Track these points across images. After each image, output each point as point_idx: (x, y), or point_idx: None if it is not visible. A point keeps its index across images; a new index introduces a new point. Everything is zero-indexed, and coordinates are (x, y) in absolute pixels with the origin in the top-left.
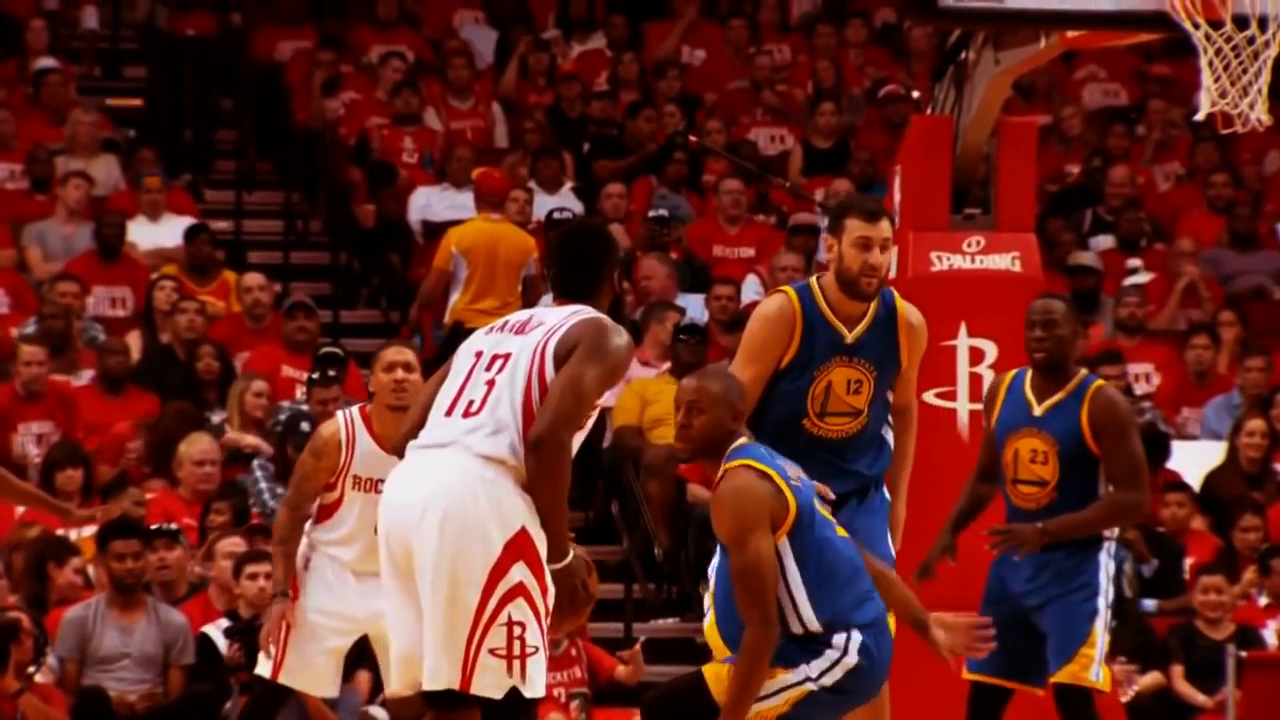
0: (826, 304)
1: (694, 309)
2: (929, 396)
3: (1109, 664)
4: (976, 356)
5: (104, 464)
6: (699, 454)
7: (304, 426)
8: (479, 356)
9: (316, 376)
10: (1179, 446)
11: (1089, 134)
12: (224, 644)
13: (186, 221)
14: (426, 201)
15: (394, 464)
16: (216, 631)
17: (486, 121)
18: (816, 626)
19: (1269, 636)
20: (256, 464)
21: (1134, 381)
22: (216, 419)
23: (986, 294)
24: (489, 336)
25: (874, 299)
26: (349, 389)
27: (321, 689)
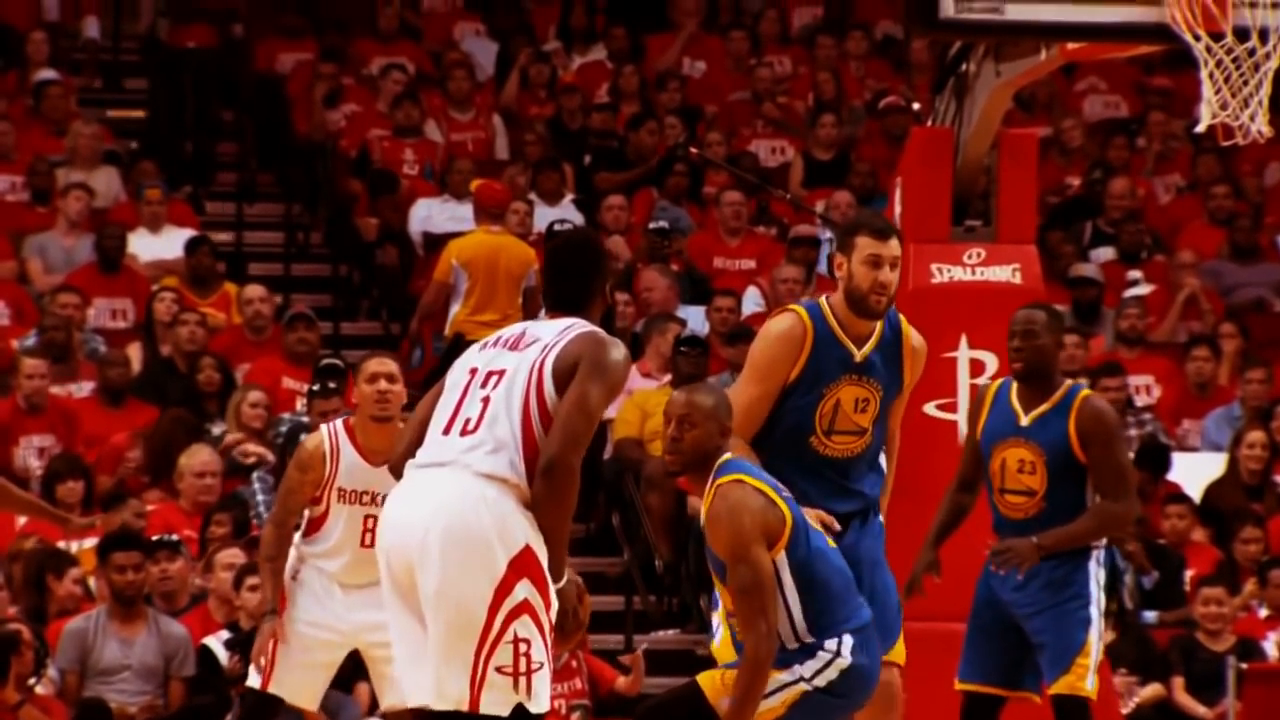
0: (836, 322)
1: (695, 321)
2: (929, 408)
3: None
4: (977, 368)
5: (103, 474)
6: (689, 468)
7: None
8: (474, 373)
9: (317, 388)
10: (1179, 458)
11: (1090, 146)
12: (224, 656)
13: (187, 233)
14: (427, 213)
15: (378, 476)
16: (217, 643)
17: (487, 133)
18: (809, 639)
19: (1269, 648)
20: (256, 476)
21: (1135, 393)
22: (217, 431)
23: (987, 306)
24: (483, 353)
25: (883, 317)
26: (349, 401)
27: (304, 700)
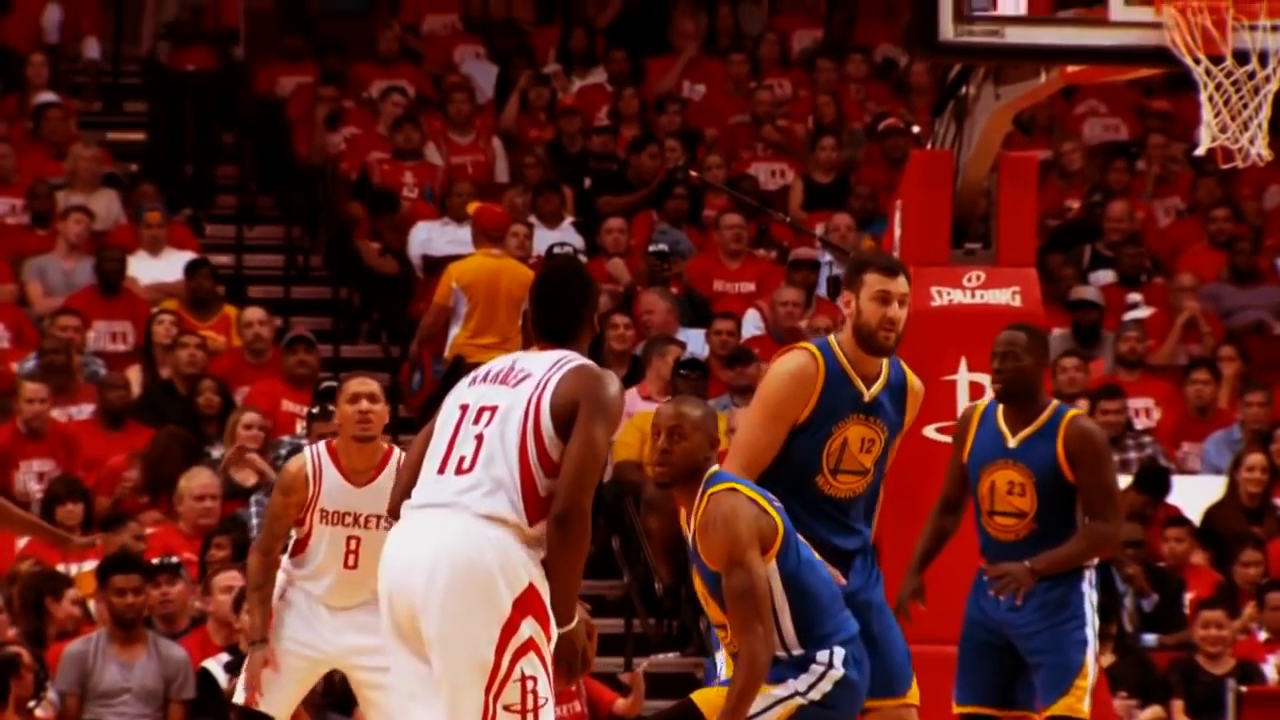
0: (846, 361)
1: (695, 344)
2: (929, 431)
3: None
4: (977, 391)
5: (102, 496)
6: (679, 480)
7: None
8: (464, 410)
9: (316, 411)
10: (1179, 481)
11: (1089, 169)
12: (224, 678)
13: (187, 256)
14: (427, 236)
15: (361, 497)
16: (217, 666)
17: (487, 156)
18: (799, 651)
19: (1269, 671)
20: (254, 499)
21: (1135, 416)
22: (217, 453)
23: (987, 329)
24: (473, 389)
25: (892, 353)
26: None
27: (281, 714)
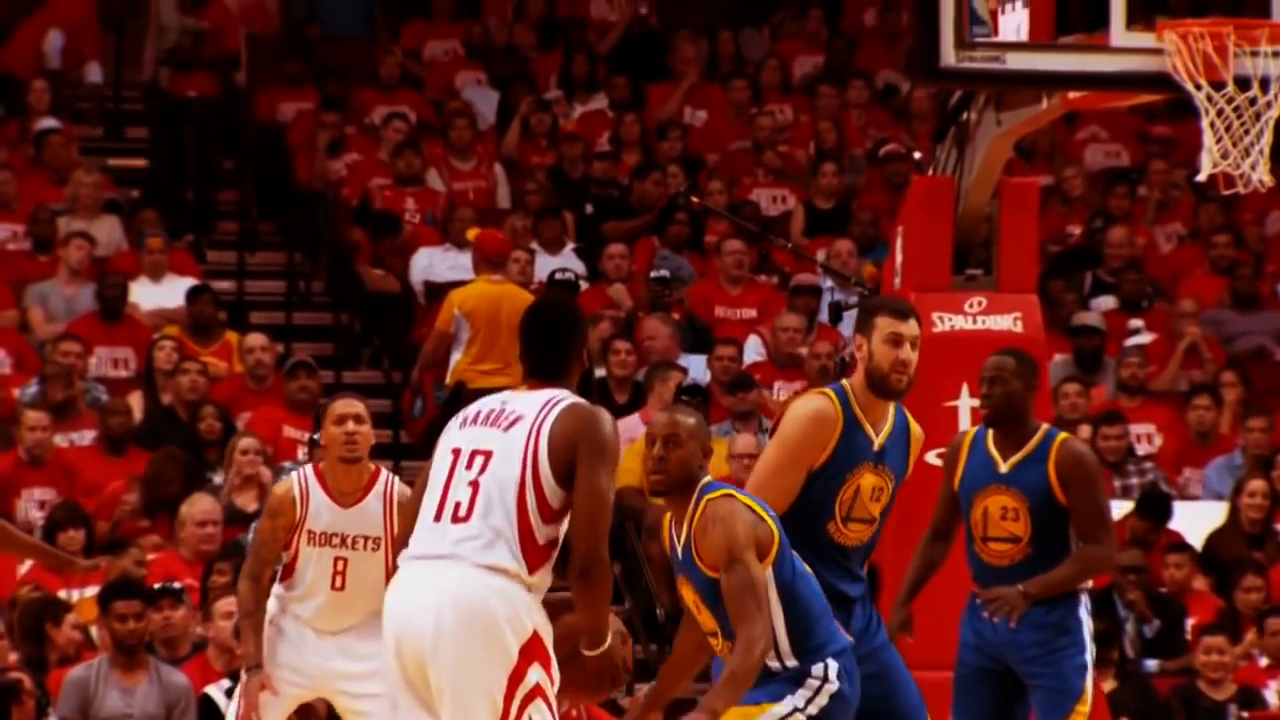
0: (859, 407)
1: (696, 369)
2: (930, 457)
3: None
4: (978, 417)
5: (102, 521)
6: (673, 487)
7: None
8: (457, 454)
9: (318, 437)
10: (1181, 507)
11: (1091, 195)
12: (225, 704)
13: (189, 282)
14: (428, 262)
15: (348, 518)
16: (218, 692)
17: (488, 182)
18: (794, 662)
19: (1270, 697)
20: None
21: (1136, 442)
22: (219, 479)
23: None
24: (463, 431)
25: (904, 396)
26: None
27: None
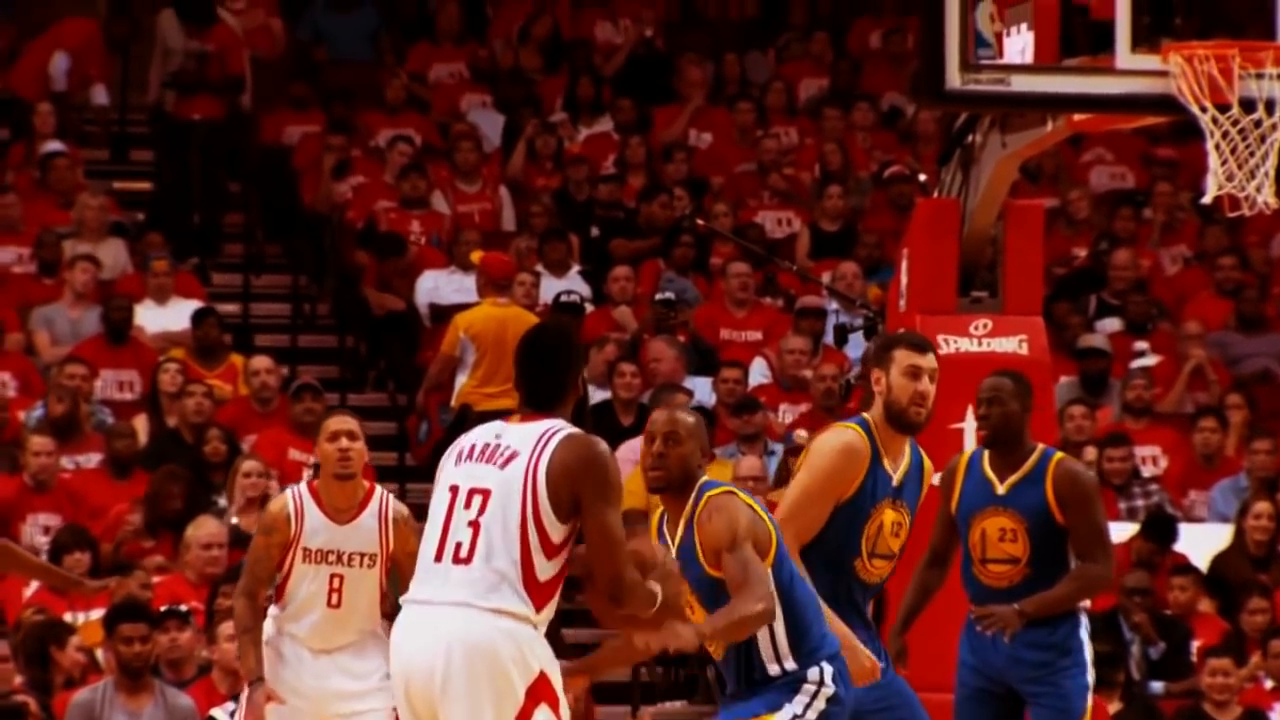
0: (880, 441)
1: (702, 392)
2: (935, 480)
3: None
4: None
5: (106, 543)
6: (672, 485)
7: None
8: (454, 492)
9: None
10: (1186, 529)
11: (1096, 217)
12: None
13: (194, 305)
14: (434, 284)
15: (344, 535)
16: (223, 715)
17: (494, 204)
18: (793, 665)
19: (1276, 719)
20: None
21: (1141, 464)
22: (224, 502)
23: None
24: (459, 468)
25: (922, 429)
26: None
27: None
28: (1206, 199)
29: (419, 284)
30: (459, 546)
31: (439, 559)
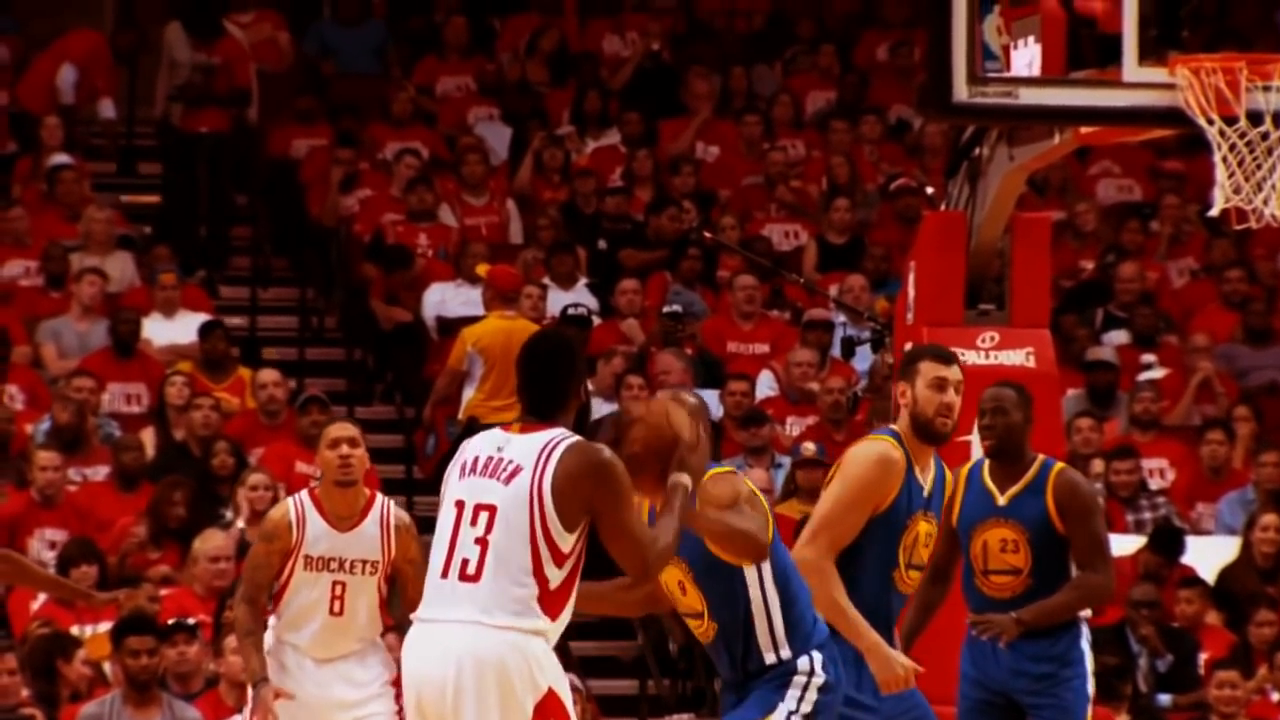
0: (911, 452)
1: (708, 404)
2: None
3: None
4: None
5: (111, 555)
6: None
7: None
8: (460, 507)
9: None
10: (1193, 542)
11: (1103, 230)
12: None
13: (201, 318)
14: (441, 298)
15: (345, 542)
16: None
17: (501, 217)
18: (788, 654)
19: None
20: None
21: (1149, 477)
22: (230, 515)
23: None
24: (463, 482)
25: (948, 441)
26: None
27: None
28: (1214, 211)
29: (426, 297)
30: (465, 564)
31: (445, 575)
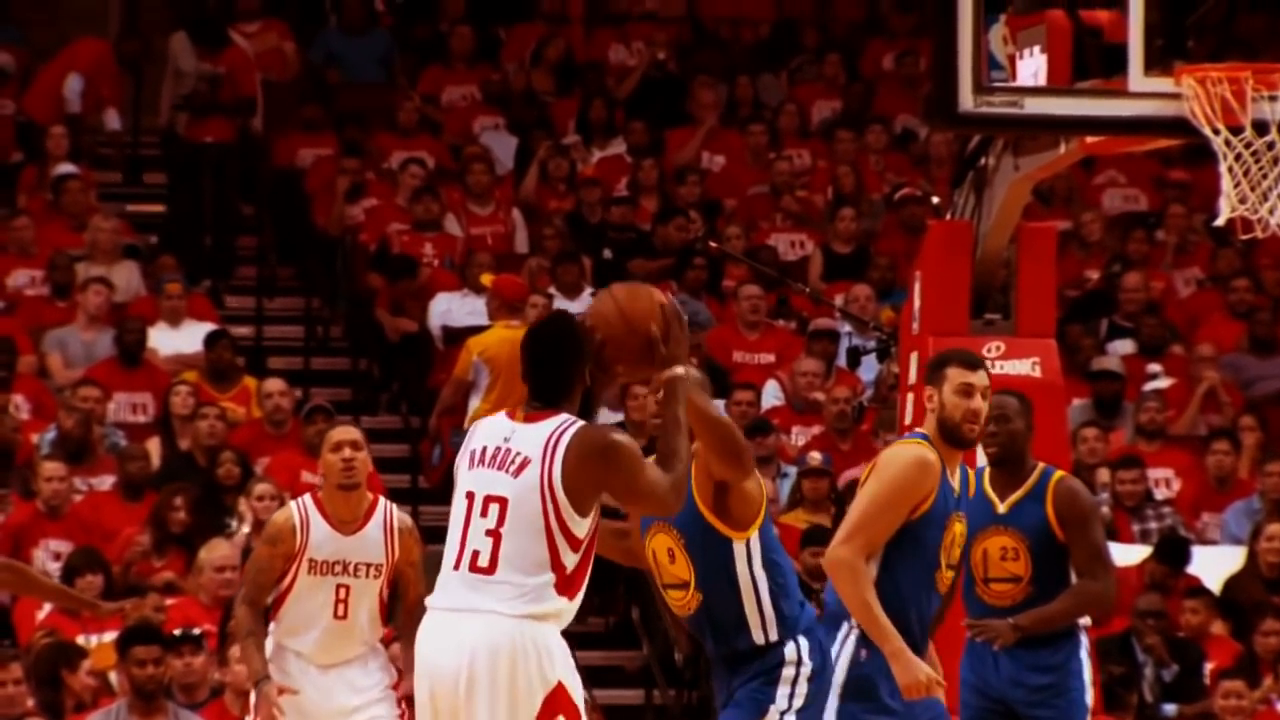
0: (942, 456)
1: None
2: None
3: None
4: None
5: (116, 564)
6: None
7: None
8: (470, 499)
9: None
10: (1199, 551)
11: (1109, 239)
12: None
13: (207, 327)
14: (447, 307)
15: (349, 545)
16: None
17: (506, 227)
18: (776, 635)
19: None
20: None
21: (1155, 486)
22: (235, 524)
23: None
24: (473, 473)
25: (975, 446)
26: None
27: None
28: (1219, 221)
29: (432, 306)
30: (477, 555)
31: (457, 567)
